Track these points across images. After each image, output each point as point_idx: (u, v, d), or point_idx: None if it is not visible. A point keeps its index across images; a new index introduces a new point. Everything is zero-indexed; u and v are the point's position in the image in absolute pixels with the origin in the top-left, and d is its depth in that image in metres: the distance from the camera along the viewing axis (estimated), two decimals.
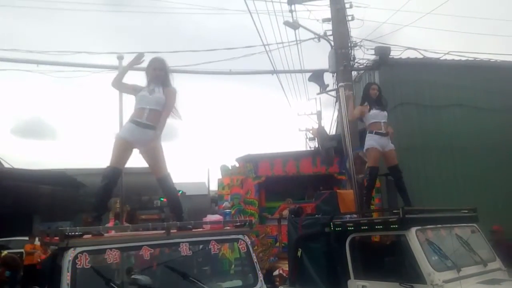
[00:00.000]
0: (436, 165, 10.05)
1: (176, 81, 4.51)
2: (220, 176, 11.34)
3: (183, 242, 3.53)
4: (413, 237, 4.32)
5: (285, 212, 8.50)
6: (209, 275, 3.89)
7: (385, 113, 5.93)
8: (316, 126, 15.93)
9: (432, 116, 10.36)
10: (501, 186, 10.01)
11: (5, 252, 11.21)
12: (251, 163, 11.19)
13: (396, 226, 4.43)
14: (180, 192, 19.28)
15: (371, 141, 5.81)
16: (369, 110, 5.93)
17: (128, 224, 3.79)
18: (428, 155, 9.95)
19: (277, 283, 7.35)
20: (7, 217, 15.92)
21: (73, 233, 3.16)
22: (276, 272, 7.60)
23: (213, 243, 3.69)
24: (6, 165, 20.48)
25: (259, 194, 11.20)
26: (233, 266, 4.84)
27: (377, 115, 5.87)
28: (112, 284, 3.11)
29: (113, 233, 3.98)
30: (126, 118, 4.45)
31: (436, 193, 9.44)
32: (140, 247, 3.35)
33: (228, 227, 4.03)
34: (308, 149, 16.07)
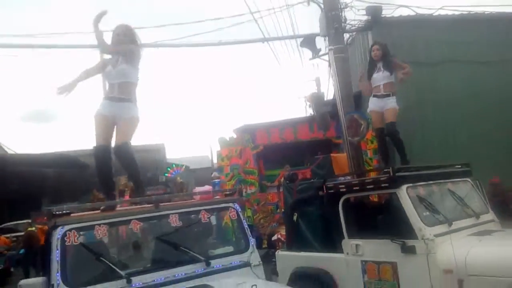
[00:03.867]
0: (433, 122, 9.99)
1: (166, 56, 4.45)
2: (219, 148, 11.39)
3: (172, 213, 3.58)
4: (404, 194, 4.35)
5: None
6: (202, 244, 3.96)
7: (385, 73, 5.88)
8: (314, 92, 15.77)
9: (427, 74, 10.20)
10: (499, 140, 9.98)
11: (31, 228, 11.24)
12: (248, 133, 11.20)
13: (387, 184, 4.46)
14: (184, 166, 19.48)
15: (370, 104, 6.04)
16: (370, 77, 6.03)
17: (117, 200, 3.80)
18: (424, 113, 9.89)
19: (277, 247, 7.51)
20: (17, 201, 16.21)
21: (60, 212, 3.20)
22: (274, 237, 7.74)
23: (203, 213, 3.75)
24: (9, 151, 20.69)
25: (258, 163, 11.27)
26: (227, 233, 4.95)
27: (375, 79, 5.97)
28: (103, 259, 3.18)
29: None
30: None
31: (434, 151, 9.44)
32: (129, 221, 3.40)
33: (218, 197, 4.07)
34: (306, 115, 15.97)
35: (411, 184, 4.50)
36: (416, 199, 4.41)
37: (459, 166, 5.34)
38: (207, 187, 4.14)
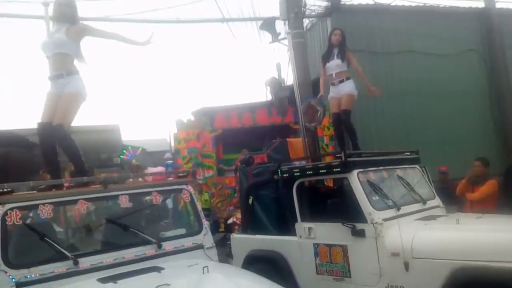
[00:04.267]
0: (387, 112, 10.27)
1: (123, 30, 4.24)
2: (176, 131, 11.19)
3: (122, 194, 3.48)
4: (355, 179, 4.46)
5: None
6: (154, 226, 3.90)
7: (337, 61, 5.93)
8: (274, 76, 15.76)
9: (384, 63, 10.43)
10: (450, 130, 10.42)
11: None
12: (206, 116, 11.07)
13: (339, 169, 4.55)
14: (141, 148, 19.03)
15: (330, 92, 6.14)
16: (325, 64, 6.11)
17: (62, 179, 3.63)
18: (379, 103, 10.13)
19: (234, 230, 7.53)
20: None
21: (1, 190, 3.03)
22: (230, 220, 7.76)
23: (155, 194, 3.67)
24: None
25: (216, 146, 11.20)
26: (183, 216, 4.89)
27: (329, 67, 6.05)
28: (48, 239, 3.05)
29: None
30: None
31: (387, 140, 9.70)
32: (76, 202, 3.27)
33: (171, 178, 4.00)
34: (265, 100, 16.01)
35: (361, 169, 4.62)
36: (366, 184, 4.54)
37: (409, 154, 5.54)
38: (160, 168, 4.06)
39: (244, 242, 5.52)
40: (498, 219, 4.49)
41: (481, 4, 11.27)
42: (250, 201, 5.61)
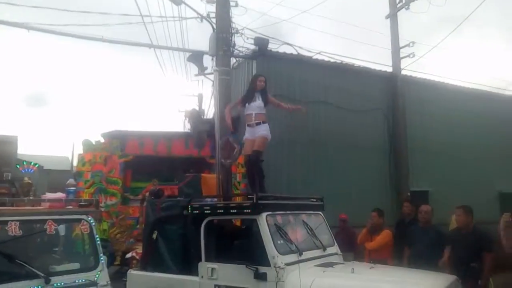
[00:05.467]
0: (299, 159, 10.74)
1: (40, 41, 3.95)
2: (81, 152, 10.47)
3: (12, 220, 3.14)
4: (263, 221, 4.51)
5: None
6: (44, 258, 3.55)
7: (260, 103, 6.09)
8: (195, 108, 15.75)
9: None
10: (356, 180, 11.16)
11: None
12: (118, 139, 10.53)
13: (249, 210, 4.58)
14: (37, 165, 17.51)
15: (246, 133, 6.21)
16: (243, 104, 6.22)
17: None
18: (293, 150, 10.57)
19: (132, 265, 7.13)
20: None
21: None
22: (129, 255, 7.35)
23: (49, 223, 3.37)
24: None
25: (124, 173, 10.62)
26: (86, 246, 4.53)
27: (250, 107, 6.14)
28: None
29: None
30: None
31: (296, 185, 10.08)
32: None
33: (71, 206, 3.72)
34: (183, 131, 15.84)
35: (270, 212, 4.69)
36: (273, 227, 4.61)
37: (314, 200, 5.77)
38: (60, 195, 3.72)
39: (142, 279, 5.23)
40: (387, 269, 4.82)
41: (390, 69, 12.52)
42: (155, 235, 5.38)
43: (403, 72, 12.49)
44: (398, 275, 4.49)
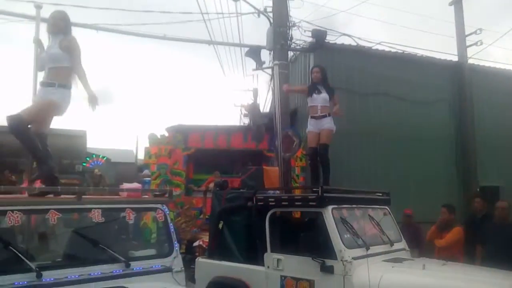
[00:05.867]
0: (359, 153, 10.52)
1: (106, 40, 4.24)
2: (147, 145, 11.00)
3: (95, 208, 3.36)
4: (329, 215, 4.49)
5: (212, 185, 8.48)
6: (123, 244, 3.77)
7: (325, 95, 6.06)
8: (249, 102, 15.91)
9: (360, 103, 10.76)
10: (419, 174, 10.76)
11: None
12: (181, 133, 10.96)
13: (314, 203, 4.58)
14: (105, 158, 18.54)
15: (308, 125, 6.19)
16: (309, 95, 6.19)
17: (36, 186, 3.50)
18: (352, 141, 10.36)
19: (197, 253, 7.37)
20: None
21: None
22: (196, 243, 7.61)
23: (128, 211, 3.57)
24: None
25: (187, 165, 11.06)
26: (153, 235, 4.76)
27: (314, 99, 6.12)
28: (12, 248, 2.89)
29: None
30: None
31: (355, 179, 9.88)
32: (47, 211, 3.13)
33: (147, 196, 3.91)
34: (241, 124, 16.06)
35: (336, 206, 4.67)
36: (339, 221, 4.58)
37: (380, 194, 5.65)
38: (136, 185, 3.96)
39: (209, 267, 5.40)
40: (461, 267, 4.62)
41: (455, 58, 11.90)
42: (220, 225, 5.53)
43: (470, 61, 11.83)
44: (474, 273, 4.28)
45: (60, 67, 3.89)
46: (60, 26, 3.99)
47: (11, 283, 2.80)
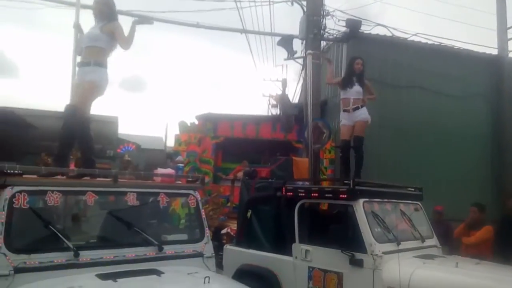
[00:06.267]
0: (389, 144, 10.30)
1: (139, 27, 4.29)
2: (178, 132, 11.14)
3: (130, 191, 3.43)
4: (360, 208, 4.44)
5: (240, 174, 8.52)
6: (156, 228, 3.84)
7: (358, 88, 5.97)
8: (279, 93, 15.85)
9: (392, 96, 10.50)
10: (448, 170, 10.47)
11: None
12: (210, 122, 11.06)
13: (346, 196, 4.54)
14: (135, 144, 18.88)
15: (341, 118, 6.18)
16: (343, 88, 6.13)
17: (74, 168, 3.60)
18: (383, 134, 10.16)
19: (224, 241, 7.45)
20: None
21: (12, 171, 2.97)
22: (224, 231, 7.69)
23: (162, 196, 3.63)
24: None
25: (215, 154, 11.16)
26: (182, 221, 4.83)
27: (347, 92, 6.07)
28: (51, 227, 2.99)
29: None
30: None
31: (386, 172, 9.71)
32: (84, 193, 3.22)
33: (180, 182, 3.96)
34: (270, 115, 16.03)
35: (367, 199, 4.61)
36: (370, 214, 4.52)
37: (412, 189, 5.54)
38: (170, 170, 4.01)
39: (237, 255, 5.45)
40: (495, 267, 4.48)
41: (494, 51, 11.45)
42: (249, 214, 5.57)
43: (511, 55, 11.36)
44: (510, 274, 4.15)
45: (96, 46, 3.99)
46: (103, 11, 4.09)
47: (50, 260, 2.90)
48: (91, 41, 4.02)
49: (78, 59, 4.18)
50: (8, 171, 2.95)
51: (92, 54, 3.98)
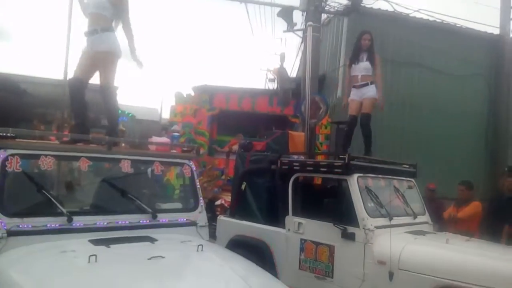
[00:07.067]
0: (386, 121, 10.27)
1: None
2: (173, 103, 11.04)
3: (124, 159, 3.40)
4: (354, 182, 4.46)
5: (235, 147, 8.50)
6: (150, 196, 3.84)
7: (366, 64, 5.87)
8: (277, 66, 15.68)
9: (391, 72, 10.40)
10: (444, 150, 10.51)
11: None
12: (206, 93, 10.95)
13: (340, 170, 4.54)
14: (130, 115, 18.77)
15: (351, 94, 6.05)
16: (350, 65, 6.05)
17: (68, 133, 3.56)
18: (381, 113, 10.11)
19: (217, 212, 7.51)
20: None
21: (4, 134, 2.93)
22: (218, 202, 7.74)
23: (157, 164, 3.61)
24: None
25: (211, 126, 11.10)
26: (176, 191, 4.84)
27: (356, 68, 5.97)
28: (45, 192, 2.98)
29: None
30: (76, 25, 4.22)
31: (382, 149, 9.70)
32: (78, 158, 3.19)
33: (175, 151, 3.93)
34: (267, 88, 15.90)
35: (362, 174, 4.63)
36: (364, 189, 4.55)
37: (407, 166, 5.56)
38: (165, 139, 4.00)
39: (231, 225, 5.49)
40: (486, 245, 4.55)
41: (496, 31, 11.31)
42: (243, 186, 5.58)
43: None
44: (500, 251, 4.21)
45: (100, 14, 3.87)
46: None
47: (44, 225, 2.90)
48: (96, 8, 3.89)
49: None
50: (1, 134, 2.91)
51: (98, 20, 3.86)
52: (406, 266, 3.90)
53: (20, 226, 2.80)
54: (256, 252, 4.92)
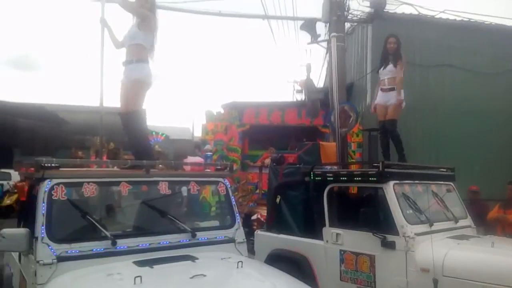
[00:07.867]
0: (419, 125, 10.11)
1: (162, 17, 4.39)
2: (204, 122, 11.25)
3: (162, 181, 3.51)
4: (391, 190, 4.40)
5: (267, 161, 8.56)
6: (188, 215, 3.93)
7: (390, 67, 5.88)
8: (304, 78, 15.70)
9: (420, 76, 10.28)
10: (480, 151, 10.20)
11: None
12: (236, 110, 11.11)
13: (375, 178, 4.50)
14: (164, 135, 19.22)
15: (377, 97, 6.08)
16: (379, 69, 6.12)
17: (108, 160, 3.72)
18: (412, 115, 9.97)
19: (254, 227, 7.53)
20: None
21: (49, 164, 3.10)
22: (254, 217, 7.77)
23: (192, 184, 3.69)
24: None
25: (242, 141, 11.23)
26: (212, 208, 4.91)
27: (383, 72, 6.02)
28: (90, 218, 3.11)
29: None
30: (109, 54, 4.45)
31: (416, 153, 9.52)
32: (118, 183, 3.33)
33: (209, 170, 4.02)
34: (295, 100, 15.92)
35: (398, 181, 4.56)
36: (401, 196, 4.48)
37: (444, 170, 5.44)
38: (199, 159, 4.10)
39: (268, 240, 5.51)
40: None
41: None
42: (278, 200, 5.60)
43: None
44: None
45: (135, 44, 4.11)
46: (145, 7, 4.14)
47: (90, 249, 3.02)
48: (131, 40, 4.15)
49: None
50: (46, 164, 3.07)
51: (133, 52, 4.11)
52: (451, 272, 3.79)
53: (68, 251, 2.94)
54: (296, 266, 4.92)
